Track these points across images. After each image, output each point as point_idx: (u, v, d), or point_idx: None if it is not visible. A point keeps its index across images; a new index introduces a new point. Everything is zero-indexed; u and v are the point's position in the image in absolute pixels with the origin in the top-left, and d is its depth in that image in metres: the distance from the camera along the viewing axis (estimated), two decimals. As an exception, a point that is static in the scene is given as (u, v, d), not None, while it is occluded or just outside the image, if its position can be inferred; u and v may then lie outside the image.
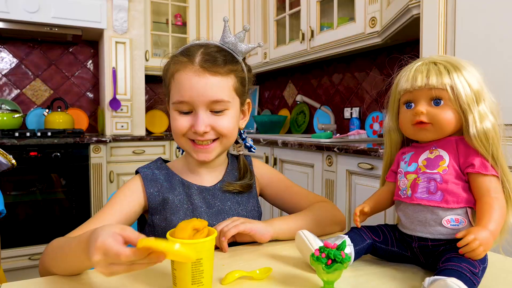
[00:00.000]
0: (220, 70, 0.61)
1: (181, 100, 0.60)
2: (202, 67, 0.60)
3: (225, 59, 0.62)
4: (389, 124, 0.56)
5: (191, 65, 0.60)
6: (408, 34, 1.45)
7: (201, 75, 0.60)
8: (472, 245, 0.43)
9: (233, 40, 0.64)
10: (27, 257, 1.95)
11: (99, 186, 2.11)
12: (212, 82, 0.60)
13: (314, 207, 0.71)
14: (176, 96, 0.61)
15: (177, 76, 0.61)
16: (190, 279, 0.44)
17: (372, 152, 1.26)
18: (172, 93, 0.63)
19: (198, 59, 0.61)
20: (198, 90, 0.59)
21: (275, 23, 2.28)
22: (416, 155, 0.52)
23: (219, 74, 0.61)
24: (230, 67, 0.62)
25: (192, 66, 0.60)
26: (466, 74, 0.49)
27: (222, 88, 0.61)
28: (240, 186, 0.69)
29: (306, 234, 0.53)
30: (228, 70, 0.62)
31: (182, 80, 0.60)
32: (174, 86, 0.62)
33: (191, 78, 0.60)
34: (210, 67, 0.60)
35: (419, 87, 0.50)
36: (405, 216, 0.52)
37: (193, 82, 0.60)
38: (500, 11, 0.90)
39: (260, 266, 0.53)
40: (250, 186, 0.71)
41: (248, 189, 0.71)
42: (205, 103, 0.60)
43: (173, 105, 0.62)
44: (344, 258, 0.45)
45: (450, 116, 0.49)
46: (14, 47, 2.40)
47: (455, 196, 0.48)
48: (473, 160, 0.47)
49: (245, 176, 0.71)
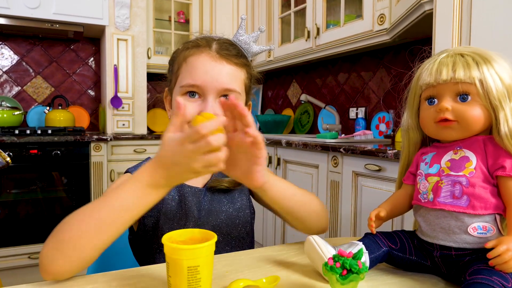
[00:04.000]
0: (235, 60, 0.59)
1: (192, 83, 0.57)
2: (219, 54, 0.58)
3: (238, 52, 0.61)
4: (408, 121, 0.52)
5: (208, 49, 0.58)
6: (418, 31, 1.41)
7: (217, 61, 0.58)
8: (505, 256, 0.38)
9: (247, 40, 0.62)
10: (26, 255, 1.93)
11: (99, 184, 2.08)
12: (227, 70, 0.58)
13: (311, 195, 0.63)
14: (188, 79, 0.58)
15: (191, 60, 0.58)
16: (186, 287, 0.41)
17: (380, 153, 1.22)
18: (181, 77, 0.59)
19: (215, 46, 0.59)
20: (213, 76, 0.57)
21: (280, 21, 2.24)
22: (438, 155, 0.48)
23: (234, 64, 0.59)
24: (244, 60, 0.61)
25: (209, 51, 0.58)
26: (497, 67, 0.44)
27: (236, 78, 0.59)
28: (228, 182, 0.66)
29: (317, 240, 0.49)
30: (241, 63, 0.60)
31: (197, 63, 0.58)
32: (185, 70, 0.59)
33: (207, 62, 0.57)
34: (227, 55, 0.58)
35: (444, 81, 0.45)
36: (425, 222, 0.48)
37: (208, 67, 0.57)
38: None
39: (267, 274, 0.50)
40: (239, 183, 0.67)
41: (237, 185, 0.67)
42: (217, 90, 0.57)
43: (181, 89, 0.58)
44: (361, 269, 0.41)
45: (478, 113, 0.45)
46: (15, 43, 2.37)
47: (483, 201, 0.44)
48: (504, 162, 0.43)
49: None
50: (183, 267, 0.40)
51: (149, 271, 0.51)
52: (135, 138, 2.21)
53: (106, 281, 0.47)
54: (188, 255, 0.40)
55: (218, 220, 0.64)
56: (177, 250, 0.40)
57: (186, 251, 0.40)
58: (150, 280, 0.48)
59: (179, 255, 0.40)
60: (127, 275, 0.50)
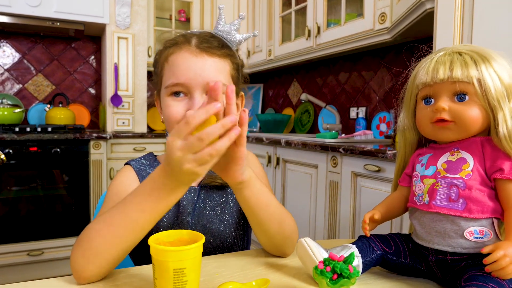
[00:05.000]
0: (217, 52, 0.57)
1: (176, 82, 0.56)
2: (198, 48, 0.56)
3: (220, 43, 0.59)
4: (404, 122, 0.51)
5: (187, 46, 0.57)
6: (420, 30, 1.39)
7: (198, 56, 0.56)
8: (502, 262, 0.37)
9: (228, 29, 0.61)
10: (25, 253, 1.93)
11: (98, 182, 2.08)
12: (209, 63, 0.56)
13: (287, 213, 0.58)
14: (171, 79, 0.56)
15: (172, 58, 0.57)
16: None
17: (379, 153, 1.20)
18: (165, 77, 0.58)
19: (194, 41, 0.58)
20: (196, 71, 0.55)
21: (280, 19, 2.22)
22: (435, 157, 0.47)
23: (216, 56, 0.57)
24: (226, 51, 0.59)
25: (188, 47, 0.57)
26: (496, 65, 0.43)
27: (220, 70, 0.57)
28: (222, 179, 0.64)
29: (309, 243, 0.47)
30: (224, 54, 0.58)
31: (178, 61, 0.56)
32: (168, 70, 0.58)
33: (187, 59, 0.56)
34: (208, 48, 0.57)
35: (440, 80, 0.44)
36: (420, 226, 0.46)
37: (190, 63, 0.56)
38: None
39: (258, 276, 0.49)
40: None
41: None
42: (202, 85, 0.56)
43: (167, 89, 0.57)
44: (352, 273, 0.39)
45: (476, 114, 0.43)
46: (17, 41, 2.37)
47: (480, 204, 0.42)
48: (502, 164, 0.42)
49: None
50: (169, 269, 0.39)
51: (137, 271, 0.50)
52: (134, 137, 2.21)
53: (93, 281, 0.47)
54: (173, 257, 0.39)
55: (211, 220, 0.63)
56: (162, 252, 0.39)
57: (171, 252, 0.39)
58: (138, 281, 0.48)
59: (164, 257, 0.39)
60: (116, 276, 0.49)
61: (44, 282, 0.47)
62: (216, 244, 0.63)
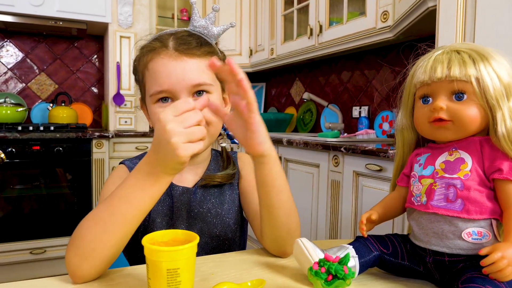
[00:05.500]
0: (197, 52, 0.56)
1: (160, 89, 0.55)
2: (177, 51, 0.55)
3: (199, 41, 0.57)
4: (402, 121, 0.50)
5: (165, 50, 0.55)
6: (422, 28, 1.38)
7: (178, 59, 0.55)
8: (499, 264, 0.36)
9: (204, 23, 0.59)
10: (28, 251, 1.94)
11: (101, 181, 2.09)
12: (190, 65, 0.55)
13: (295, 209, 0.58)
14: (154, 87, 0.55)
15: (152, 65, 0.56)
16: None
17: (381, 152, 1.19)
18: (148, 86, 0.57)
19: (172, 43, 0.56)
20: (178, 76, 0.54)
21: (282, 18, 2.21)
22: (433, 157, 0.46)
23: (196, 56, 0.56)
24: (206, 48, 0.58)
25: (166, 51, 0.55)
26: (494, 64, 0.42)
27: (203, 70, 0.56)
28: (221, 177, 0.64)
29: (305, 243, 0.47)
30: (205, 52, 0.57)
31: (159, 68, 0.55)
32: (149, 77, 0.57)
33: (167, 64, 0.54)
34: (186, 50, 0.55)
35: (438, 79, 0.43)
36: (418, 226, 0.46)
37: (171, 68, 0.54)
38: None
39: (254, 276, 0.48)
40: (232, 176, 0.65)
41: (229, 179, 0.65)
42: (186, 88, 0.55)
43: (151, 98, 0.56)
44: (347, 274, 0.39)
45: (475, 113, 0.42)
46: (20, 41, 2.39)
47: (478, 205, 0.41)
48: (501, 164, 0.41)
49: (227, 167, 0.66)
50: (162, 270, 0.39)
51: (132, 271, 0.50)
52: (137, 135, 2.22)
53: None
54: (167, 257, 0.39)
55: (208, 220, 0.63)
56: (155, 252, 0.39)
57: (165, 253, 0.39)
58: (133, 281, 0.47)
59: (158, 257, 0.39)
60: (111, 275, 0.49)
61: (40, 281, 0.47)
62: (213, 246, 0.63)
